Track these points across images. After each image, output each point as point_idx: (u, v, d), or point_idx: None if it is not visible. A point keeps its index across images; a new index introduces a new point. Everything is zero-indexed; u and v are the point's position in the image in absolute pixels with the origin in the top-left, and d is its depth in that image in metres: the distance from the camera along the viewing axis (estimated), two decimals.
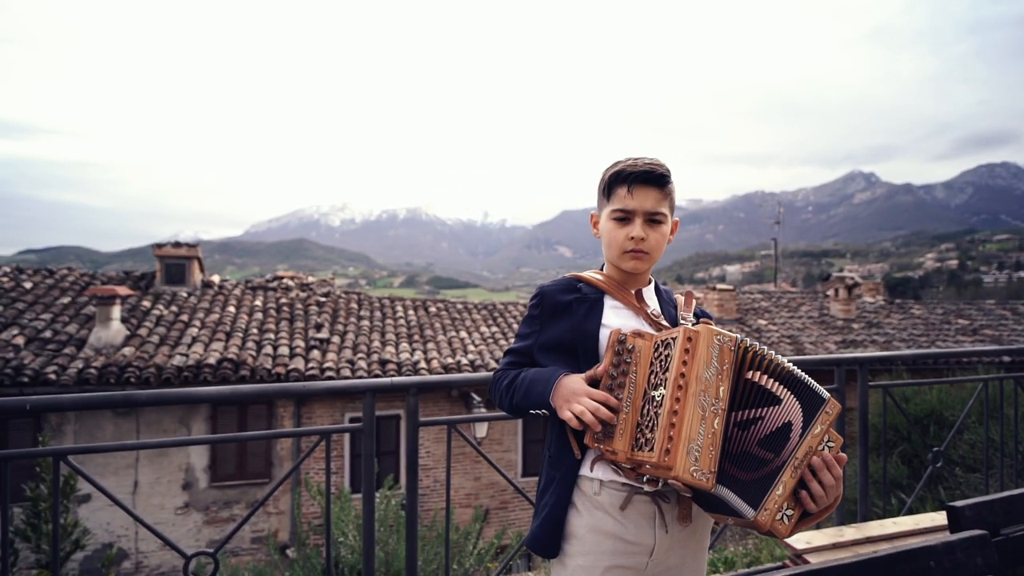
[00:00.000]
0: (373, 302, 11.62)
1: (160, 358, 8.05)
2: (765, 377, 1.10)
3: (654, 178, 1.26)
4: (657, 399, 1.09)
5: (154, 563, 7.97)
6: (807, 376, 1.14)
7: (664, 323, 1.28)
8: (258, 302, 10.63)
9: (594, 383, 1.16)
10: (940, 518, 2.52)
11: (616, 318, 1.27)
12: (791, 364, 1.13)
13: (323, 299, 11.14)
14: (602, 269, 1.39)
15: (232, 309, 10.13)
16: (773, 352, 1.12)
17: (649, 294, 1.35)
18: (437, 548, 4.42)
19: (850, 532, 2.41)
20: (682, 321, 1.29)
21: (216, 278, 11.64)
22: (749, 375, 1.09)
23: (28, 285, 9.92)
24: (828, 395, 1.14)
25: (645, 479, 1.14)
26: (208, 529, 8.35)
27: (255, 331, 9.38)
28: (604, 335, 1.24)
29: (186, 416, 8.30)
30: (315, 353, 8.90)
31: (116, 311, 8.52)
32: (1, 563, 1.43)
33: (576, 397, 1.14)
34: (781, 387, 1.11)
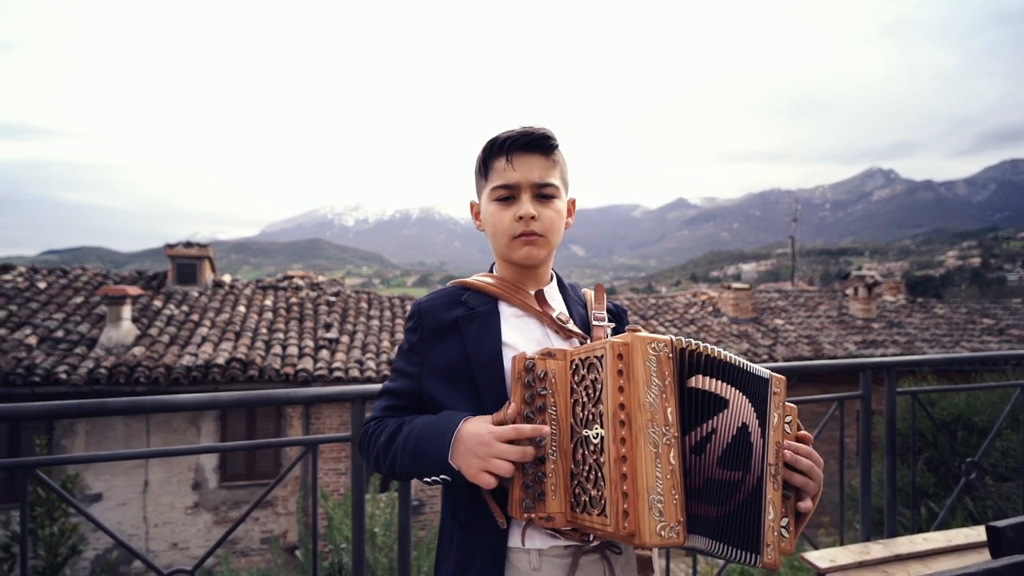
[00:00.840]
0: (383, 302, 11.57)
1: (170, 358, 8.05)
2: (708, 379, 0.88)
3: (536, 142, 1.02)
4: (594, 442, 0.85)
5: (164, 562, 7.97)
6: (745, 361, 0.93)
7: (573, 328, 1.04)
8: (268, 302, 10.62)
9: None
10: (974, 534, 2.35)
11: (518, 332, 1.02)
12: (731, 355, 0.91)
13: (333, 299, 11.11)
14: (491, 270, 1.13)
15: (242, 309, 10.13)
16: (707, 344, 0.90)
17: (552, 293, 1.10)
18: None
19: (877, 549, 2.24)
20: (594, 323, 1.05)
21: (227, 277, 11.67)
22: (692, 382, 0.87)
23: (42, 285, 10.00)
24: (769, 372, 0.94)
25: (591, 536, 0.92)
26: (218, 529, 8.34)
27: (264, 331, 9.36)
28: (507, 357, 0.98)
29: (195, 417, 8.30)
30: (324, 353, 8.85)
31: (127, 311, 8.54)
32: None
33: (488, 448, 0.87)
34: (724, 385, 0.89)
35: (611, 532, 0.82)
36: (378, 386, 1.79)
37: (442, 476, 0.93)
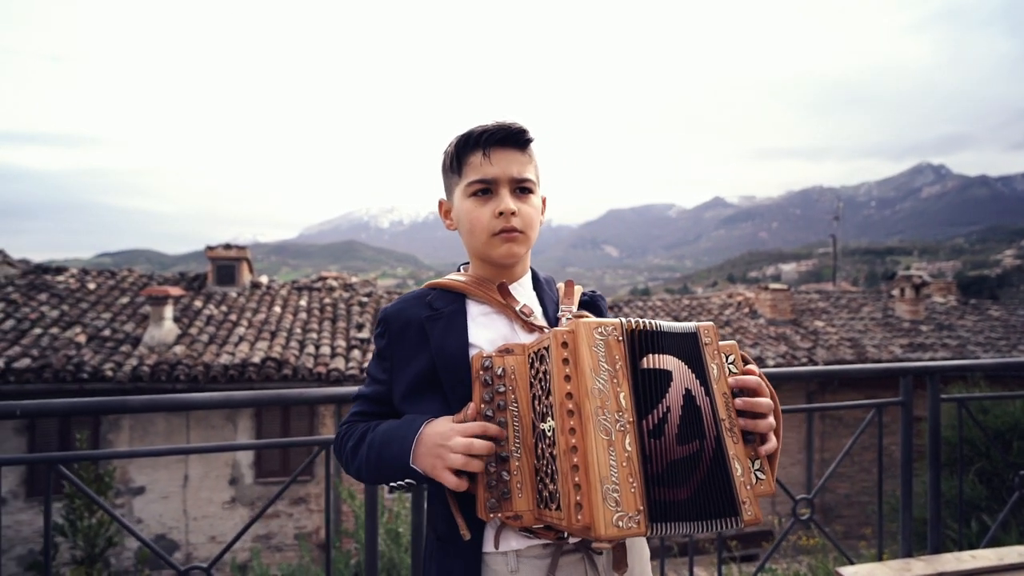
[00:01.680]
0: None
1: (208, 356, 8.30)
2: (657, 357, 0.84)
3: (513, 136, 0.99)
4: (548, 434, 0.83)
5: (203, 555, 8.22)
6: (668, 323, 0.88)
7: (537, 321, 1.01)
8: (303, 302, 10.86)
9: None
10: None
11: (485, 329, 0.99)
12: (659, 323, 0.87)
13: (365, 299, 11.27)
14: (459, 269, 1.10)
15: (278, 309, 10.38)
16: (652, 320, 0.86)
17: (523, 288, 1.06)
18: None
19: (919, 566, 2.10)
20: (561, 317, 1.01)
21: (264, 279, 11.99)
22: (645, 363, 0.83)
23: (92, 286, 10.48)
24: (693, 325, 0.89)
25: (567, 533, 0.88)
26: (254, 524, 8.56)
27: (299, 331, 9.57)
28: (472, 359, 0.95)
29: (232, 414, 8.54)
30: (355, 353, 8.99)
31: (169, 311, 8.86)
32: None
33: (446, 444, 0.85)
34: (667, 358, 0.85)
35: (567, 526, 0.79)
36: None
37: (407, 480, 0.91)
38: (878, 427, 2.29)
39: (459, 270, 1.10)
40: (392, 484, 0.93)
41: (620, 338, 0.83)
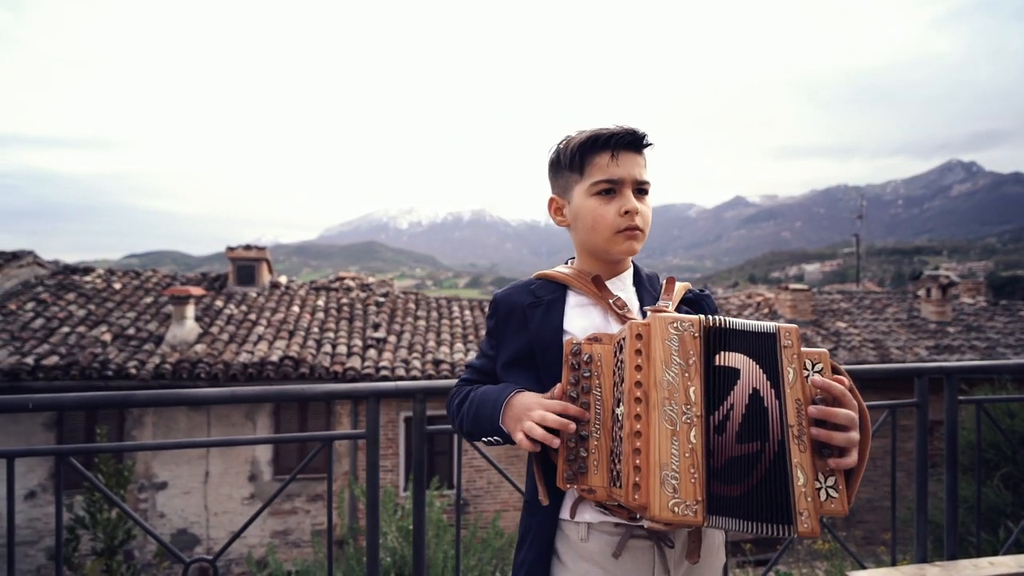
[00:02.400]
0: (430, 302, 11.74)
1: (228, 355, 8.46)
2: (729, 355, 0.88)
3: (639, 140, 1.07)
4: (620, 419, 0.88)
5: None
6: (745, 321, 0.89)
7: (631, 316, 1.06)
8: (320, 302, 10.99)
9: None
10: None
11: (580, 318, 1.07)
12: (733, 321, 0.89)
13: (382, 299, 11.37)
14: (566, 263, 1.18)
15: (296, 309, 10.53)
16: (732, 319, 0.89)
17: (622, 283, 1.13)
18: (481, 553, 4.29)
19: (934, 572, 2.04)
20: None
21: (283, 279, 12.17)
22: (718, 360, 0.87)
23: (117, 286, 10.76)
24: (774, 325, 0.89)
25: (639, 516, 0.94)
26: (272, 520, 8.69)
27: (316, 330, 9.69)
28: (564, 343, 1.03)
29: (251, 412, 8.68)
30: (372, 352, 9.07)
31: (190, 310, 9.05)
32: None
33: (528, 412, 0.95)
34: (737, 356, 0.88)
35: (627, 503, 0.84)
36: (392, 384, 1.80)
37: (495, 437, 1.02)
38: (891, 429, 2.23)
39: (566, 264, 1.18)
40: (485, 439, 1.05)
41: (696, 334, 0.86)
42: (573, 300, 1.10)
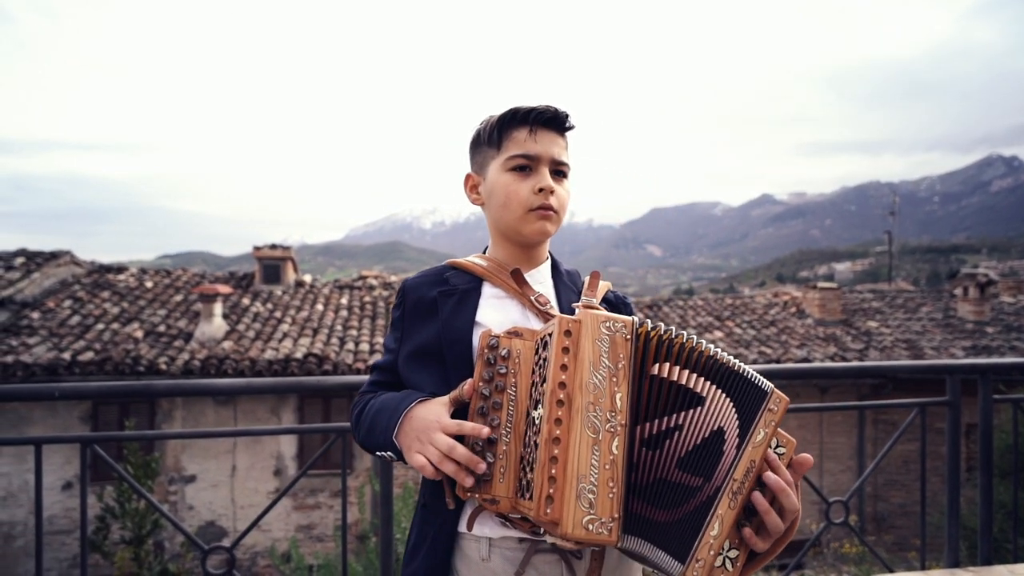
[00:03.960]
0: None
1: (254, 352, 8.63)
2: (678, 370, 0.82)
3: (560, 119, 1.01)
4: (537, 422, 0.80)
5: (249, 543, 8.55)
6: (740, 363, 0.83)
7: (553, 312, 0.98)
8: (344, 300, 11.14)
9: (462, 406, 0.89)
10: None
11: (495, 312, 0.99)
12: (717, 350, 0.83)
13: None
14: (484, 252, 1.11)
15: (320, 307, 10.69)
16: (690, 335, 0.83)
17: (540, 276, 1.07)
18: None
19: None
20: (576, 307, 0.97)
21: (308, 277, 12.37)
22: (655, 370, 0.82)
23: (149, 284, 11.07)
24: (770, 385, 0.83)
25: (542, 530, 0.84)
26: (296, 514, 8.84)
27: (340, 328, 9.82)
28: (479, 336, 0.95)
29: (276, 408, 8.85)
30: None
31: (218, 308, 9.26)
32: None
33: (428, 434, 0.85)
34: (703, 381, 0.82)
35: (536, 517, 0.77)
36: None
37: (388, 453, 0.93)
38: (921, 429, 2.15)
39: (482, 254, 1.11)
40: (378, 453, 0.96)
41: (628, 337, 0.81)
42: (489, 291, 1.03)
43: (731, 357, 0.84)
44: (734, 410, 0.82)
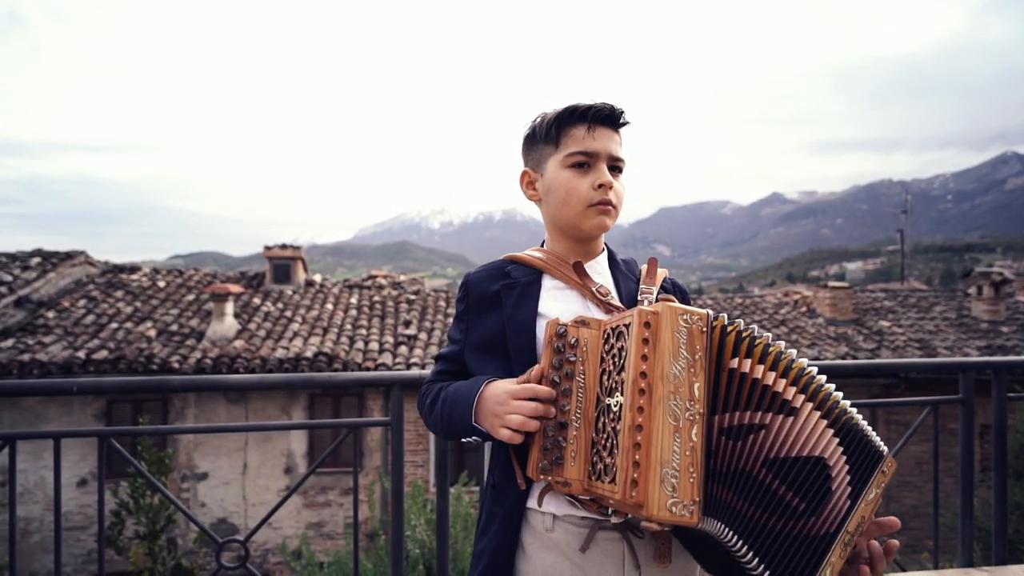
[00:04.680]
0: None
1: (265, 350, 8.71)
2: (761, 369, 0.84)
3: (616, 117, 1.04)
4: (614, 409, 0.84)
5: (260, 540, 8.63)
6: (866, 424, 0.88)
7: (615, 303, 1.02)
8: (353, 300, 11.20)
9: None
10: None
11: (556, 303, 1.03)
12: (809, 363, 0.87)
13: (413, 297, 11.51)
14: (542, 246, 1.14)
15: (330, 306, 10.76)
16: (775, 338, 0.86)
17: (599, 267, 1.10)
18: None
19: None
20: (641, 299, 1.02)
21: (318, 277, 12.45)
22: (734, 363, 0.84)
23: (162, 284, 11.20)
24: (885, 448, 0.88)
25: (610, 510, 0.90)
26: (307, 512, 8.91)
27: (349, 327, 9.88)
28: (542, 327, 0.99)
29: (287, 405, 8.92)
30: (402, 349, 9.19)
31: (230, 307, 9.35)
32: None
33: (504, 407, 0.90)
34: (794, 391, 0.84)
35: (619, 500, 0.80)
36: (415, 372, 1.82)
37: (473, 437, 0.97)
38: (934, 428, 2.13)
39: (539, 248, 1.14)
40: (463, 440, 1.00)
41: (703, 329, 0.83)
42: (549, 284, 1.05)
43: (864, 423, 0.88)
44: (842, 453, 0.85)
